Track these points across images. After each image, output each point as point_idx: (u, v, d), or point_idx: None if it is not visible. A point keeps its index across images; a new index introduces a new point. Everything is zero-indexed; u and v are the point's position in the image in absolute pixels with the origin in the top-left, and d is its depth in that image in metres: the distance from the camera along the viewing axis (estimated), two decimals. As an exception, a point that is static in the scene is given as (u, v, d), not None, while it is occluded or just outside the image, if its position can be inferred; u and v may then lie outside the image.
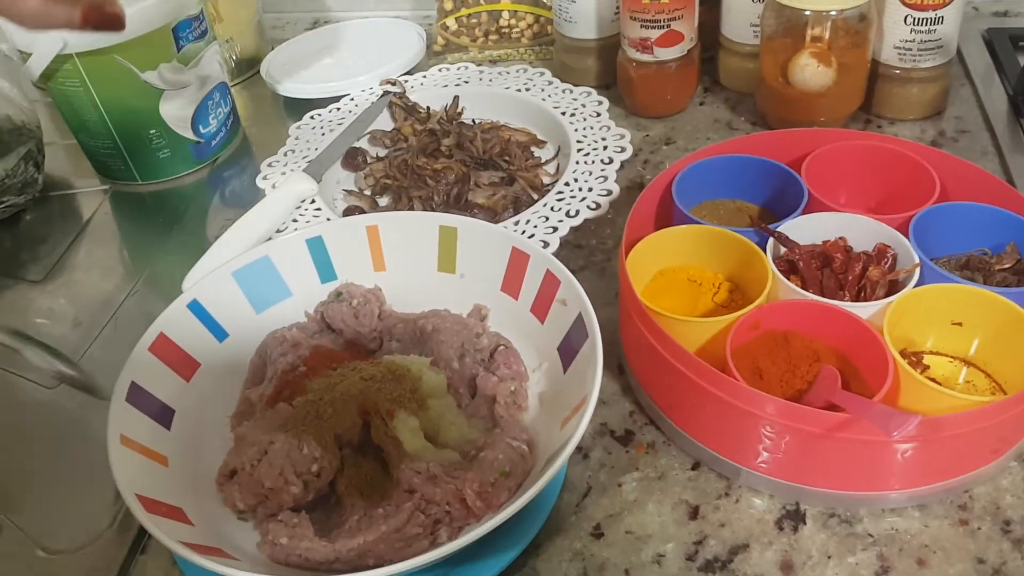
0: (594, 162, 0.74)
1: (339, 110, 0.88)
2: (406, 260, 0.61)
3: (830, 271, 0.57)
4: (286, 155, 0.82)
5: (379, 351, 0.59)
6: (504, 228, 0.66)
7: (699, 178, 0.65)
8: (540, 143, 0.82)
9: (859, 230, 0.59)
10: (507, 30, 0.98)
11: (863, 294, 0.56)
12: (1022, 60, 0.86)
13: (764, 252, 0.57)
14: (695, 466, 0.54)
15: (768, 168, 0.65)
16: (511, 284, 0.58)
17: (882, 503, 0.51)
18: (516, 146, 0.79)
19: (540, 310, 0.56)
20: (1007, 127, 0.79)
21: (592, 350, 0.49)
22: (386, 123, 0.86)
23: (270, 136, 0.90)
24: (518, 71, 0.88)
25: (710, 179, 0.66)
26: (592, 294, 0.52)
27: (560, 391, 0.53)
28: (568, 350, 0.53)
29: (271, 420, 0.52)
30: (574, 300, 0.53)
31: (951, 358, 0.55)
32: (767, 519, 0.51)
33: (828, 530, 0.50)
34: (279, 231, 0.71)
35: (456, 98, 0.86)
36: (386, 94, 0.88)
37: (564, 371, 0.53)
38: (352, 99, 0.89)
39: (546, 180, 0.77)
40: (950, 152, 0.65)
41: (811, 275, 0.57)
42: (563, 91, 0.84)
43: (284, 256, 0.60)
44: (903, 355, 0.53)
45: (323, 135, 0.83)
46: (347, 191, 0.79)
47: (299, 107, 0.91)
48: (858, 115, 0.82)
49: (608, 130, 0.78)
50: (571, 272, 0.54)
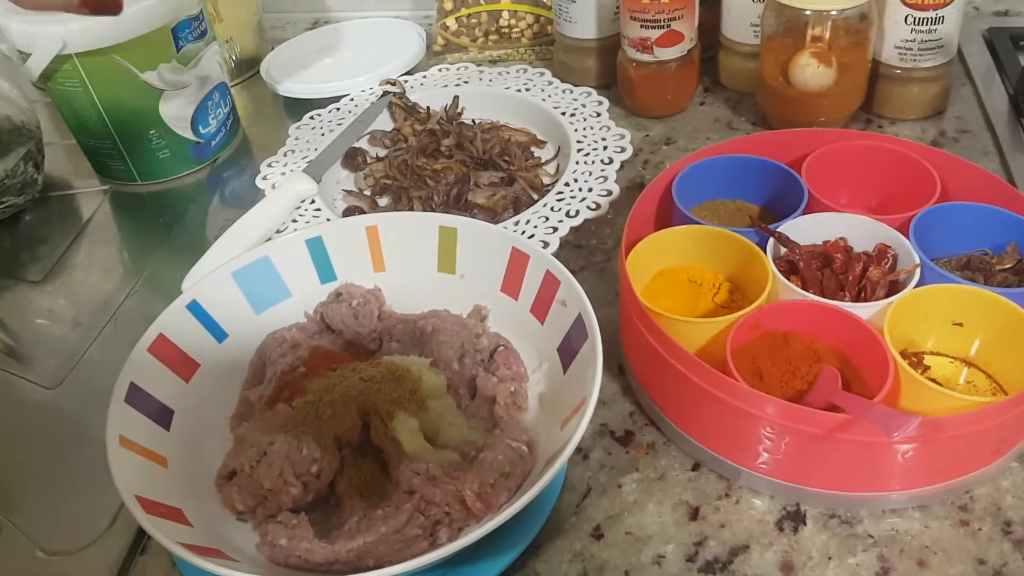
0: (594, 162, 0.74)
1: (339, 110, 0.88)
2: (406, 261, 0.61)
3: (830, 271, 0.57)
4: (286, 155, 0.82)
5: (379, 352, 0.59)
6: (504, 228, 0.66)
7: (699, 178, 0.65)
8: (540, 143, 0.82)
9: (859, 230, 0.59)
10: (507, 30, 0.98)
11: (863, 294, 0.56)
12: (1023, 60, 0.86)
13: (764, 252, 0.57)
14: (695, 467, 0.54)
15: (768, 168, 0.65)
16: (511, 285, 0.58)
17: (883, 504, 0.50)
18: (516, 146, 0.79)
19: (540, 311, 0.56)
20: (1008, 127, 0.79)
21: (592, 351, 0.49)
22: (386, 123, 0.86)
23: (270, 136, 0.90)
24: (518, 71, 0.88)
25: (710, 179, 0.66)
26: (592, 294, 0.52)
27: (560, 392, 0.53)
28: (568, 351, 0.53)
29: (270, 421, 0.52)
30: (574, 301, 0.53)
31: (952, 359, 0.55)
32: (767, 520, 0.51)
33: (828, 531, 0.50)
34: (279, 231, 0.71)
35: (456, 98, 0.86)
36: (386, 94, 0.88)
37: (564, 372, 0.53)
38: (352, 99, 0.89)
39: (546, 180, 0.77)
40: (951, 152, 0.65)
41: (811, 275, 0.57)
42: (563, 91, 0.84)
43: (284, 256, 0.60)
44: (903, 356, 0.53)
45: (323, 135, 0.83)
46: (347, 191, 0.79)
47: (299, 107, 0.91)
48: (859, 115, 0.82)
49: (608, 130, 0.77)
50: (571, 272, 0.54)
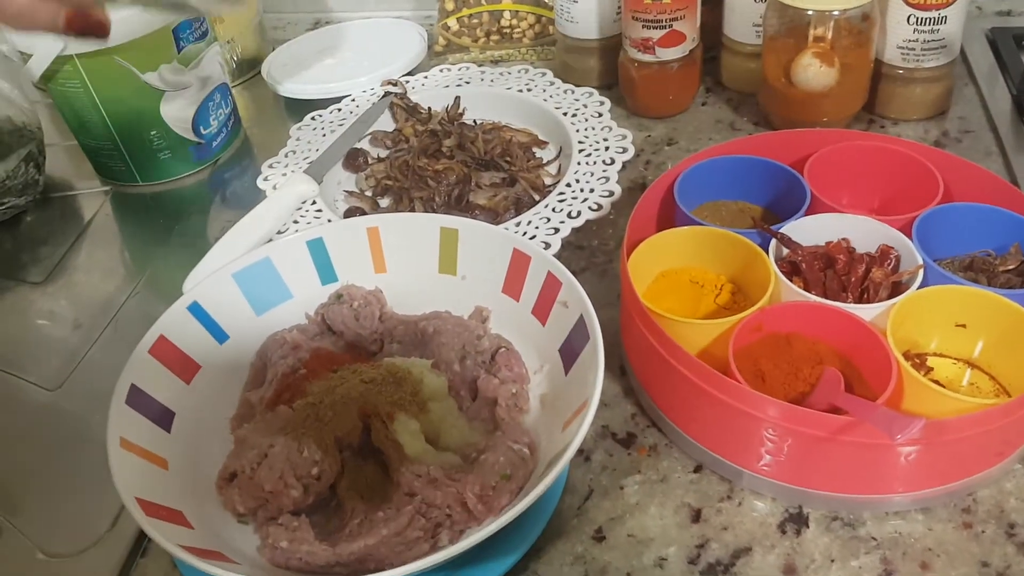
0: (596, 163, 0.74)
1: (340, 111, 0.87)
2: (407, 262, 0.61)
3: (833, 273, 0.57)
4: (287, 156, 0.81)
5: (380, 353, 0.59)
6: (505, 229, 0.66)
7: (701, 179, 0.65)
8: (542, 144, 0.81)
9: (862, 231, 0.59)
10: (508, 30, 0.98)
11: (866, 296, 0.56)
12: (1026, 60, 0.86)
13: (766, 253, 0.57)
14: (697, 469, 0.54)
15: (771, 169, 0.65)
16: (512, 286, 0.58)
17: (885, 506, 0.50)
18: (517, 147, 0.79)
19: (541, 312, 0.56)
20: (1011, 127, 0.78)
21: (593, 352, 0.49)
22: (387, 124, 0.86)
23: (271, 137, 0.90)
24: (519, 71, 0.88)
25: (712, 180, 0.66)
26: (593, 295, 0.52)
27: (561, 393, 0.52)
28: (569, 352, 0.53)
29: (271, 423, 0.52)
30: (575, 302, 0.52)
31: (955, 360, 0.55)
32: (770, 522, 0.51)
33: (831, 533, 0.50)
34: (280, 232, 0.71)
35: (457, 99, 0.86)
36: (387, 95, 0.87)
37: (565, 373, 0.53)
38: (353, 100, 0.89)
39: (548, 181, 0.77)
40: (953, 152, 0.64)
41: (814, 277, 0.57)
42: (565, 91, 0.84)
43: (285, 258, 0.60)
44: (906, 357, 0.53)
45: (324, 136, 0.83)
46: (348, 192, 0.79)
47: (300, 108, 0.91)
48: (861, 115, 0.82)
49: (610, 131, 0.77)
50: (572, 273, 0.54)
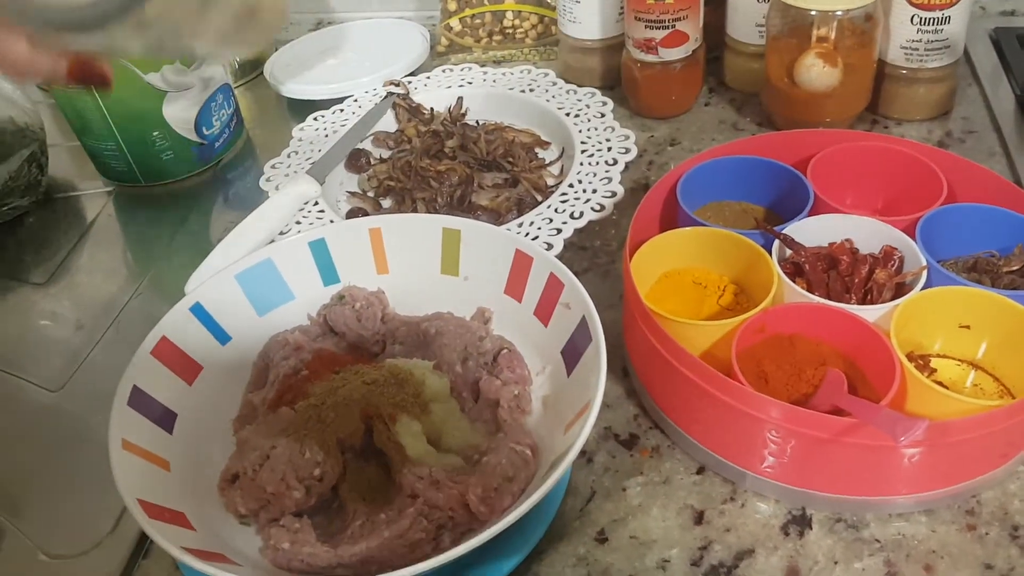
0: (598, 163, 0.73)
1: (342, 111, 0.87)
2: (409, 263, 0.61)
3: (836, 273, 0.57)
4: (289, 157, 0.81)
5: (382, 354, 0.59)
6: (508, 230, 0.65)
7: (704, 179, 0.65)
8: (544, 144, 0.81)
9: (865, 232, 0.59)
10: (511, 31, 0.97)
11: (870, 297, 0.55)
12: (1030, 60, 0.86)
13: (770, 254, 0.57)
14: (700, 470, 0.54)
15: (774, 169, 0.65)
16: (515, 287, 0.58)
17: (889, 508, 0.50)
18: (520, 147, 0.79)
19: (544, 313, 0.56)
20: (1015, 127, 0.78)
21: (596, 354, 0.49)
22: (390, 124, 0.86)
23: (273, 138, 0.90)
24: (522, 72, 0.88)
25: (715, 180, 0.66)
26: (596, 296, 0.52)
27: (564, 395, 0.52)
28: (572, 353, 0.53)
29: (273, 424, 0.52)
30: (578, 303, 0.52)
31: (959, 361, 0.55)
32: (773, 524, 0.50)
33: (834, 535, 0.50)
34: (282, 233, 0.71)
35: (460, 99, 0.86)
36: (390, 95, 0.87)
37: (568, 375, 0.53)
38: (356, 100, 0.89)
39: (550, 181, 0.77)
40: (957, 153, 0.64)
41: (817, 278, 0.56)
42: (567, 92, 0.84)
43: (287, 259, 0.60)
44: (910, 358, 0.53)
45: (326, 137, 0.83)
46: (350, 193, 0.79)
47: (302, 108, 0.91)
48: (864, 115, 0.82)
49: (612, 131, 0.77)
50: (575, 274, 0.54)
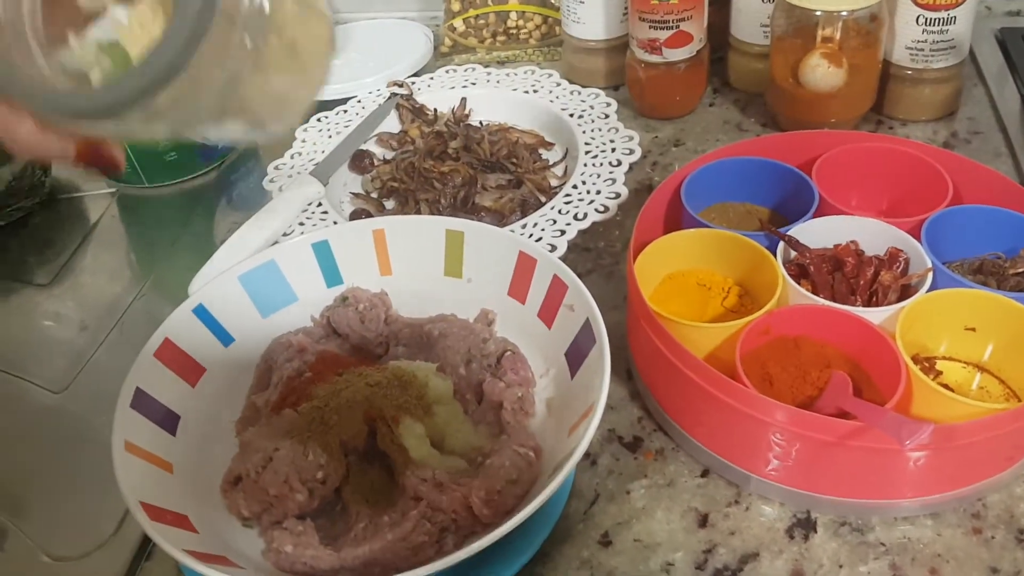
0: (602, 164, 0.73)
1: (346, 112, 0.87)
2: (413, 264, 0.61)
3: (841, 275, 0.56)
4: (293, 158, 0.81)
5: (385, 356, 0.59)
6: (511, 232, 0.65)
7: (708, 181, 0.65)
8: (548, 145, 0.81)
9: (871, 234, 0.58)
10: (515, 31, 0.97)
11: (875, 299, 0.55)
12: (1036, 60, 0.86)
13: (774, 256, 0.57)
14: (704, 473, 0.53)
15: (778, 171, 0.64)
16: (518, 288, 0.58)
17: (894, 511, 0.50)
18: (524, 148, 0.79)
19: (547, 315, 0.56)
20: (1020, 128, 0.78)
21: (600, 356, 0.49)
22: (393, 125, 0.85)
23: (276, 139, 0.90)
24: (526, 72, 0.88)
25: (720, 182, 0.65)
26: (600, 298, 0.52)
27: (567, 397, 0.52)
28: (575, 355, 0.52)
29: (276, 426, 0.51)
30: (581, 305, 0.52)
31: (964, 364, 0.55)
32: (777, 527, 0.50)
33: (839, 539, 0.49)
34: (285, 235, 0.71)
35: (463, 100, 0.85)
36: (393, 96, 0.87)
37: (571, 377, 0.53)
38: (359, 101, 0.89)
39: (554, 182, 0.77)
40: (962, 154, 0.64)
41: (822, 279, 0.56)
42: (571, 92, 0.84)
43: (290, 260, 0.60)
44: (915, 360, 0.53)
45: (330, 137, 0.83)
46: (354, 194, 0.78)
47: (306, 109, 0.90)
48: (869, 116, 0.81)
49: (616, 132, 0.77)
50: (579, 275, 0.53)
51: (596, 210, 0.68)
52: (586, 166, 0.73)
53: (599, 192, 0.70)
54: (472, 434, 0.52)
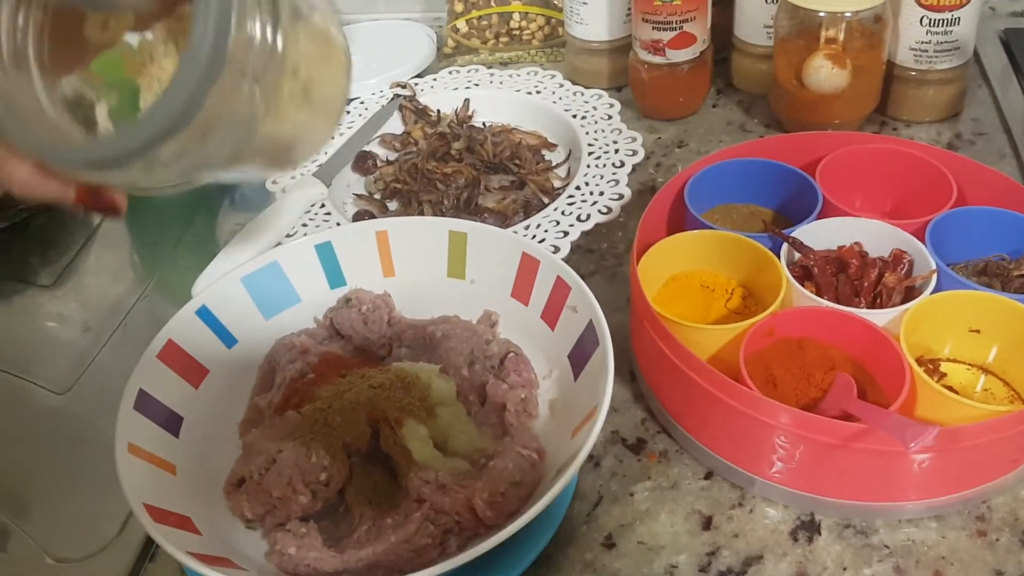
0: (605, 165, 0.73)
1: (349, 113, 0.87)
2: (416, 265, 0.61)
3: (845, 277, 0.56)
4: (296, 159, 0.81)
5: (388, 357, 0.59)
6: (514, 233, 0.65)
7: (712, 182, 0.64)
8: (551, 146, 0.81)
9: (875, 235, 0.58)
10: (518, 32, 0.97)
11: (879, 301, 0.55)
12: (1040, 61, 0.85)
13: (778, 257, 0.56)
14: (708, 475, 0.53)
15: (782, 172, 0.64)
16: (521, 290, 0.58)
17: (898, 514, 0.50)
18: (527, 149, 0.79)
19: (550, 316, 0.56)
20: (1025, 129, 0.78)
21: (603, 358, 0.49)
22: (396, 126, 0.85)
23: (280, 139, 0.90)
24: (529, 73, 0.88)
25: (723, 183, 0.65)
26: (603, 299, 0.52)
27: (571, 399, 0.52)
28: (579, 357, 0.52)
29: (279, 428, 0.51)
30: (585, 307, 0.52)
31: (968, 366, 0.55)
32: (781, 530, 0.50)
33: (843, 541, 0.49)
34: (288, 236, 0.71)
35: (467, 101, 0.85)
36: (396, 97, 0.87)
37: (575, 378, 0.53)
38: (362, 102, 0.89)
39: (557, 184, 0.76)
40: (967, 155, 0.64)
41: (826, 281, 0.56)
42: (574, 93, 0.83)
43: (293, 261, 0.60)
44: (919, 362, 0.53)
45: (333, 138, 0.83)
46: (357, 195, 0.78)
47: (309, 110, 0.90)
48: (873, 117, 0.81)
49: (620, 133, 0.77)
50: (582, 276, 0.53)
51: (599, 211, 0.68)
52: (589, 167, 0.73)
53: (602, 193, 0.70)
54: (475, 436, 0.52)
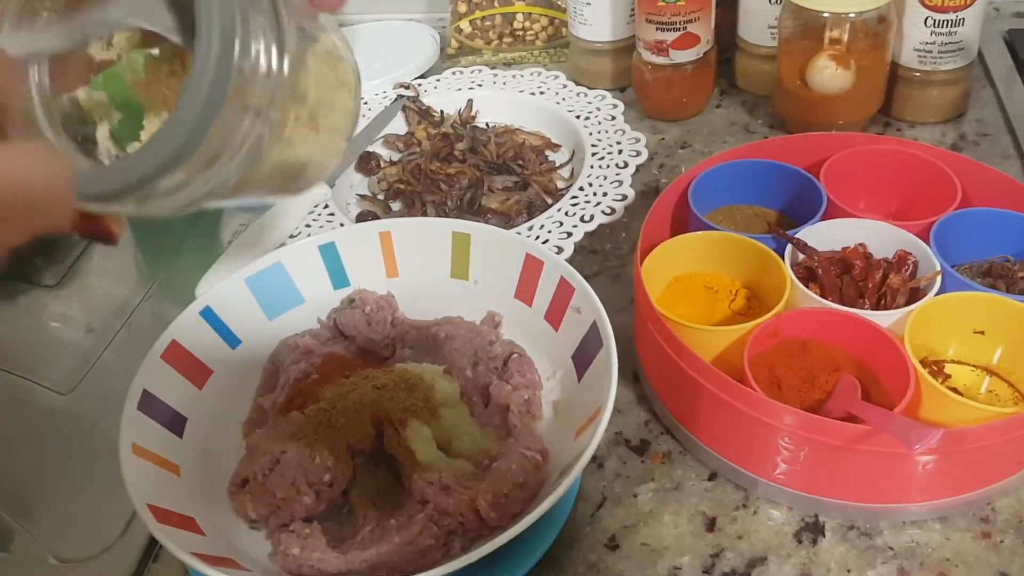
0: (609, 166, 0.73)
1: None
2: (419, 266, 0.61)
3: (850, 278, 0.56)
4: (299, 159, 0.81)
5: (392, 358, 0.59)
6: (518, 234, 0.65)
7: (716, 183, 0.64)
8: (554, 147, 0.81)
9: (879, 236, 0.58)
10: (521, 33, 0.97)
11: (883, 302, 0.55)
12: (1044, 62, 0.85)
13: (782, 259, 0.56)
14: (712, 477, 0.53)
15: (786, 173, 0.64)
16: (525, 291, 0.58)
17: (902, 516, 0.50)
18: (530, 150, 0.79)
19: (554, 317, 0.56)
20: (1029, 130, 0.78)
21: (607, 359, 0.49)
22: (400, 127, 0.85)
23: (283, 140, 0.90)
24: (532, 74, 0.87)
25: (727, 184, 0.65)
26: (606, 300, 0.52)
27: (574, 400, 0.52)
28: (582, 358, 0.52)
29: (283, 428, 0.51)
30: (588, 308, 0.52)
31: (973, 367, 0.54)
32: (785, 531, 0.50)
33: (847, 543, 0.49)
34: (292, 236, 0.71)
35: (470, 101, 0.85)
36: (400, 98, 0.87)
37: (578, 379, 0.52)
38: (365, 103, 0.89)
39: (560, 184, 0.76)
40: (971, 156, 0.64)
41: (830, 282, 0.56)
42: (577, 94, 0.83)
43: (297, 262, 0.60)
44: (924, 364, 0.52)
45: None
46: (360, 196, 0.78)
47: (312, 111, 0.90)
48: (877, 118, 0.81)
49: (623, 133, 0.77)
50: (585, 277, 0.53)
51: (603, 212, 0.68)
52: (592, 168, 0.73)
53: (606, 194, 0.70)
54: (479, 437, 0.52)
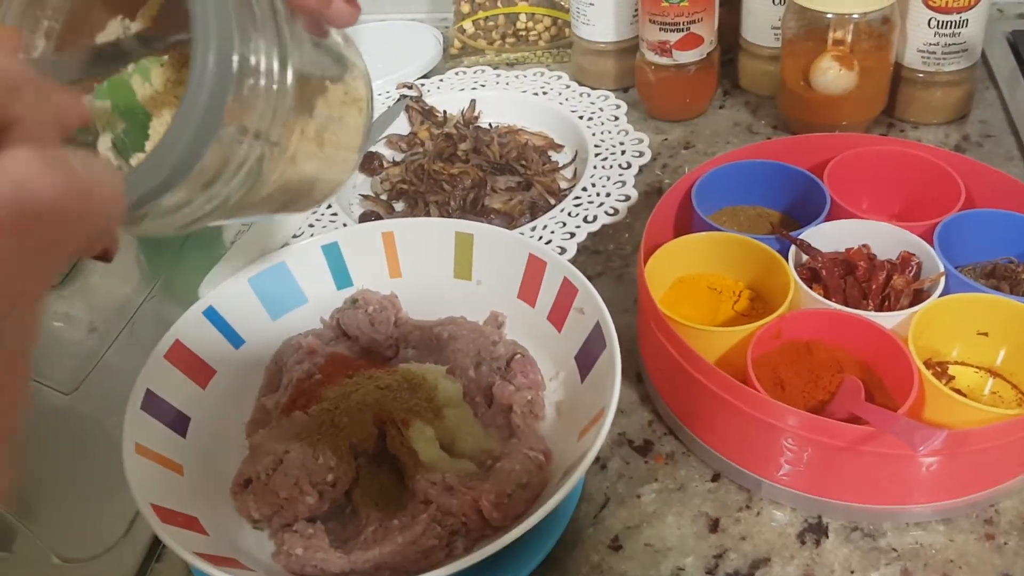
0: (612, 167, 0.73)
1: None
2: (422, 266, 0.61)
3: (853, 279, 0.56)
4: (302, 159, 0.81)
5: (395, 358, 0.59)
6: (521, 234, 0.65)
7: (719, 184, 0.64)
8: (557, 147, 0.81)
9: (883, 238, 0.58)
10: (524, 33, 0.97)
11: (887, 303, 0.55)
12: (1048, 63, 0.85)
13: (786, 260, 0.56)
14: (715, 478, 0.53)
15: (790, 174, 0.64)
16: (528, 291, 0.57)
17: (906, 517, 0.50)
18: (533, 150, 0.79)
19: (557, 318, 0.56)
20: (1033, 131, 0.77)
21: (610, 360, 0.49)
22: (403, 127, 0.85)
23: (286, 140, 0.90)
24: (535, 74, 0.87)
25: (730, 185, 0.65)
26: (610, 300, 0.52)
27: (577, 400, 0.52)
28: (586, 359, 0.52)
29: (286, 428, 0.51)
30: (592, 308, 0.52)
31: (977, 368, 0.54)
32: (789, 532, 0.50)
33: (851, 544, 0.49)
34: (295, 237, 0.71)
35: (473, 102, 0.85)
36: (403, 98, 0.87)
37: (582, 380, 0.52)
38: (368, 103, 0.88)
39: (563, 185, 0.76)
40: (974, 157, 0.64)
41: (834, 283, 0.56)
42: (581, 94, 0.83)
43: (300, 262, 0.60)
44: (928, 365, 0.52)
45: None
46: (363, 196, 0.78)
47: (315, 111, 0.90)
48: (881, 119, 0.81)
49: (626, 134, 0.77)
50: (588, 278, 0.53)
51: (606, 212, 0.68)
52: (596, 168, 0.73)
53: (609, 194, 0.70)
54: (482, 437, 0.52)
